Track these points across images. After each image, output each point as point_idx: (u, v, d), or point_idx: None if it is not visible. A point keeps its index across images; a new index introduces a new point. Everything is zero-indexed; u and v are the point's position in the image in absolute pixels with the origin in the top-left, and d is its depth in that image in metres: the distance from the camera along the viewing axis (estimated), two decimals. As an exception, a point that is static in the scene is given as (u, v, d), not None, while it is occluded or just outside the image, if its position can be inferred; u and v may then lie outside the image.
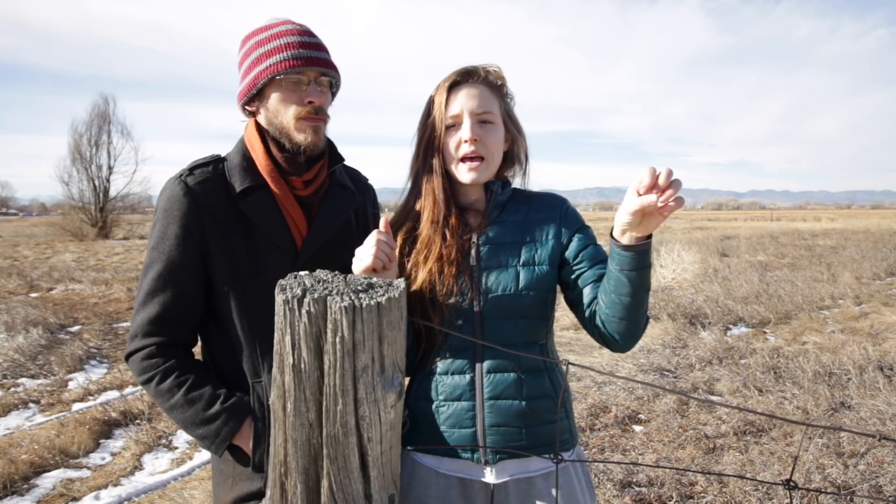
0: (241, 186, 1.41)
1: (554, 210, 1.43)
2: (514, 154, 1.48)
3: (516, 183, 1.51)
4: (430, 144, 1.40)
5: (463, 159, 1.37)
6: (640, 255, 1.14)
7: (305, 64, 1.37)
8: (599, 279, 1.31)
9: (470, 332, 1.34)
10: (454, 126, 1.38)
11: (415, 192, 1.45)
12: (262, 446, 1.37)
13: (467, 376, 1.34)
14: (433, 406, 1.36)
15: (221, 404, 1.37)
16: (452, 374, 1.35)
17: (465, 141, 1.35)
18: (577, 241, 1.40)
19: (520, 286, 1.34)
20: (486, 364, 1.34)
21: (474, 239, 1.38)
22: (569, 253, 1.39)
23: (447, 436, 1.35)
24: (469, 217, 1.42)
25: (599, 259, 1.38)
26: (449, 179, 1.42)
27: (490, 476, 1.34)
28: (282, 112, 1.40)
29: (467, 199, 1.44)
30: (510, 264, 1.36)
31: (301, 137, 1.40)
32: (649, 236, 1.13)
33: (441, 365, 1.37)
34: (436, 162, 1.39)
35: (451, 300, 1.34)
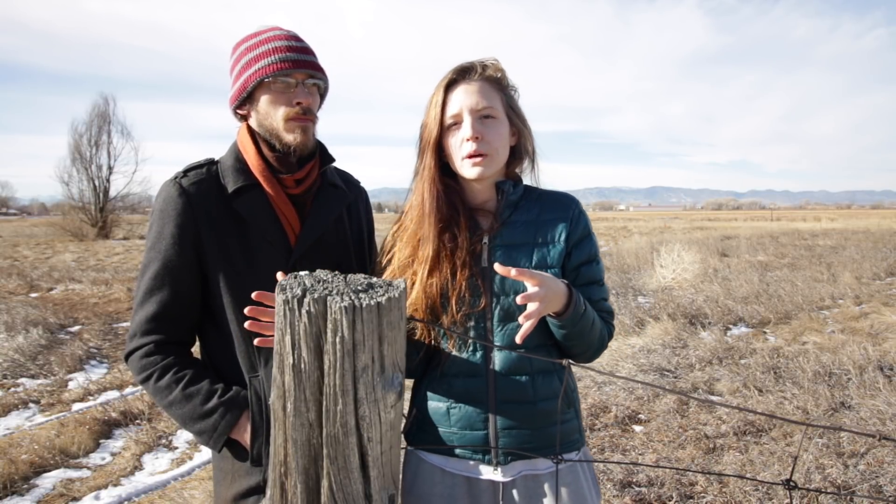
0: (234, 186, 1.44)
1: (566, 211, 1.41)
2: (521, 148, 1.44)
3: (526, 178, 1.49)
4: (425, 146, 1.39)
5: (467, 157, 1.35)
6: (557, 321, 1.28)
7: (293, 66, 1.40)
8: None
9: (482, 335, 1.33)
10: (455, 125, 1.36)
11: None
12: (259, 440, 1.37)
13: (479, 378, 1.33)
14: (445, 407, 1.35)
15: (219, 398, 1.38)
16: (464, 376, 1.34)
17: (467, 139, 1.33)
18: (579, 253, 1.39)
19: None
20: (499, 367, 1.33)
21: (485, 240, 1.37)
22: (569, 263, 1.39)
23: (458, 437, 1.34)
24: (479, 218, 1.40)
25: (592, 280, 1.40)
26: (456, 180, 1.41)
27: (498, 475, 1.34)
28: (271, 114, 1.43)
29: (476, 199, 1.42)
30: (522, 266, 1.34)
31: (290, 138, 1.43)
32: (564, 311, 1.26)
33: (452, 367, 1.35)
34: (431, 163, 1.37)
35: (463, 302, 1.32)
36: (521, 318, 1.16)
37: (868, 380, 4.96)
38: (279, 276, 1.14)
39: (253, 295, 1.16)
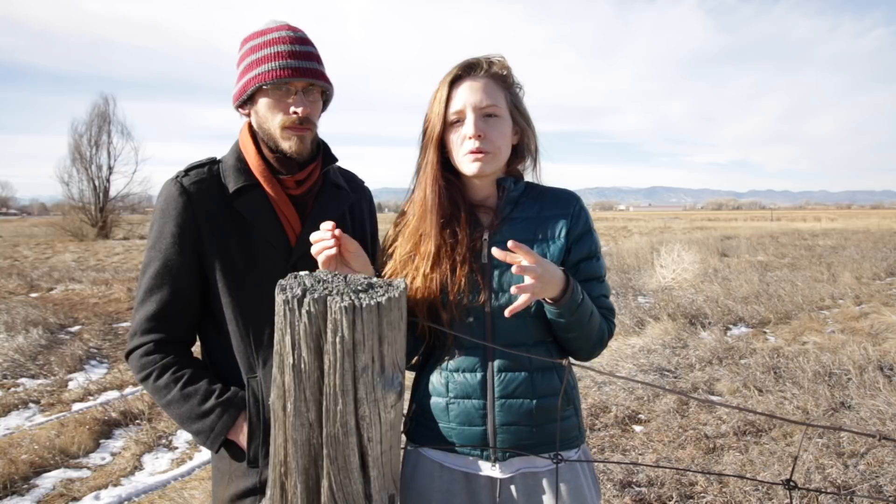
0: (234, 186, 1.43)
1: (567, 207, 1.41)
2: (524, 147, 1.44)
3: (528, 176, 1.48)
4: (428, 141, 1.38)
5: (468, 154, 1.35)
6: (554, 309, 1.27)
7: (292, 75, 1.39)
8: None
9: (481, 331, 1.33)
10: (458, 122, 1.36)
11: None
12: (256, 441, 1.37)
13: (478, 374, 1.33)
14: (443, 403, 1.35)
15: (216, 399, 1.38)
16: (464, 371, 1.34)
17: (469, 137, 1.33)
18: (578, 249, 1.39)
19: None
20: (498, 362, 1.33)
21: (485, 237, 1.37)
22: (568, 259, 1.38)
23: (456, 433, 1.34)
24: (480, 214, 1.40)
25: (592, 276, 1.39)
26: (457, 177, 1.41)
27: (496, 471, 1.34)
28: (269, 119, 1.43)
29: (477, 196, 1.42)
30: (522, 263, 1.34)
31: (286, 145, 1.43)
32: (561, 297, 1.25)
33: (452, 362, 1.35)
34: (433, 158, 1.37)
35: (463, 298, 1.32)
36: (513, 290, 1.17)
37: (868, 380, 4.96)
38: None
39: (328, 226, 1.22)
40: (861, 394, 4.69)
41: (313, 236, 1.24)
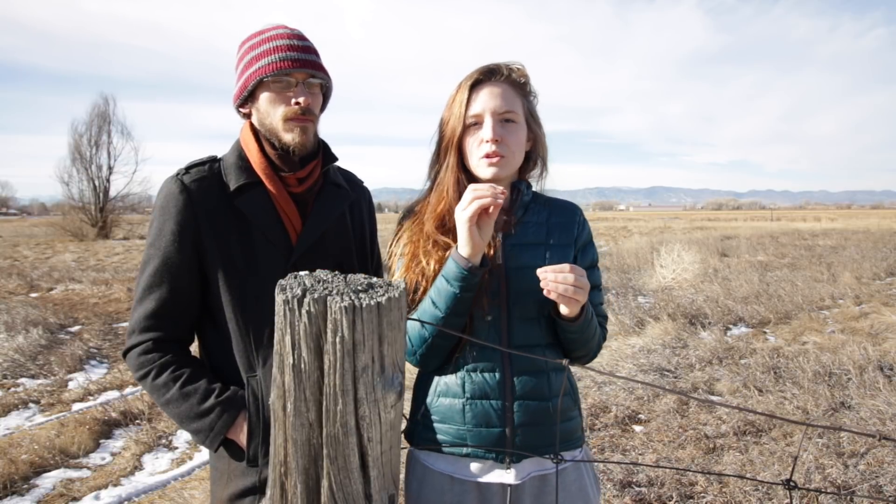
0: (236, 184, 1.43)
1: (573, 216, 1.46)
2: (536, 154, 1.48)
3: (534, 183, 1.52)
4: (448, 143, 1.40)
5: (484, 157, 1.37)
6: (570, 327, 1.32)
7: (292, 66, 1.40)
8: None
9: (496, 332, 1.34)
10: (476, 125, 1.38)
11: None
12: (256, 440, 1.37)
13: (497, 374, 1.33)
14: (459, 404, 1.34)
15: (216, 398, 1.38)
16: (482, 371, 1.34)
17: (487, 140, 1.35)
18: (584, 257, 1.44)
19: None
20: (516, 362, 1.34)
21: (499, 238, 1.38)
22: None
23: (472, 435, 1.33)
24: None
25: (593, 284, 1.43)
26: (470, 178, 1.42)
27: (510, 476, 1.33)
28: (271, 113, 1.43)
29: None
30: (536, 265, 1.35)
31: (289, 137, 1.43)
32: (578, 316, 1.30)
33: (470, 363, 1.35)
34: (452, 160, 1.39)
35: (480, 300, 1.33)
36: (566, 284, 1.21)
37: (868, 380, 4.96)
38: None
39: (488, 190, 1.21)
40: (861, 394, 4.69)
41: (477, 187, 1.23)
